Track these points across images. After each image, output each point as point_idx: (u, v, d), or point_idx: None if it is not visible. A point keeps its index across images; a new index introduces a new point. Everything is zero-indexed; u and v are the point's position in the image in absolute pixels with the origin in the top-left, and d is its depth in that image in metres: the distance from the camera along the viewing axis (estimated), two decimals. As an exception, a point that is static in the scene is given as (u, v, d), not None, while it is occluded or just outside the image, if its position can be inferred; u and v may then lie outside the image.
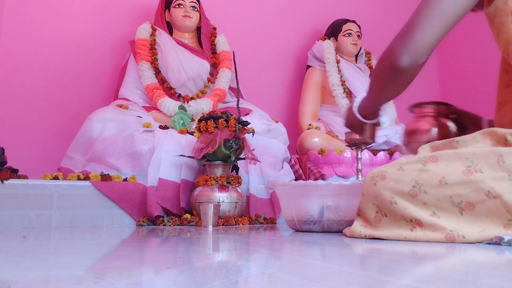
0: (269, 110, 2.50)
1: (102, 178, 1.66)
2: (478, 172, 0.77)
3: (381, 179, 0.88)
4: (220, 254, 0.73)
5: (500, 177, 0.76)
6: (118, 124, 1.91)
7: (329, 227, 1.18)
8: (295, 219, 1.22)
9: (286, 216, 1.27)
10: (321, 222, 1.18)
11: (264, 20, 2.97)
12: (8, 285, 0.40)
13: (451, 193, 0.79)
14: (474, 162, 0.79)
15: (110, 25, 2.56)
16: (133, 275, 0.49)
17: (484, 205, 0.76)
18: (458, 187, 0.78)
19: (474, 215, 0.77)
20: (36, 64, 2.36)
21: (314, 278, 0.44)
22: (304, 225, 1.21)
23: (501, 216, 0.75)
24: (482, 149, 0.80)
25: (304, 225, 1.21)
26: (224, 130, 1.68)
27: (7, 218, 1.47)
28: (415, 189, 0.82)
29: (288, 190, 1.24)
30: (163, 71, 2.31)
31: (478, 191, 0.76)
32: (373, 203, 0.89)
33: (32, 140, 2.29)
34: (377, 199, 0.88)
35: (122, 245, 0.92)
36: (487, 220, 0.76)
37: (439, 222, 0.79)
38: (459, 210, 0.78)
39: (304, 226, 1.21)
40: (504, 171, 0.76)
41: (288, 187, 1.25)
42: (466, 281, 0.42)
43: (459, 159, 0.81)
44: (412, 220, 0.82)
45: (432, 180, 0.81)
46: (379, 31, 3.27)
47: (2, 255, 0.70)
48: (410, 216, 0.82)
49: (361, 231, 0.90)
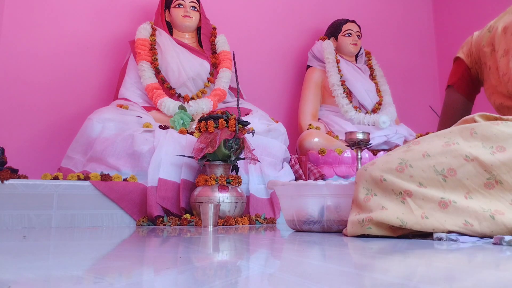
0: (269, 110, 2.50)
1: (102, 178, 1.66)
2: (455, 144, 0.87)
3: (371, 165, 0.95)
4: (220, 254, 0.73)
5: (475, 145, 0.86)
6: (118, 124, 1.91)
7: (329, 227, 1.18)
8: (295, 219, 1.22)
9: (286, 216, 1.27)
10: (321, 222, 1.18)
11: (264, 20, 2.97)
12: (8, 285, 0.40)
13: (434, 163, 0.87)
14: (451, 138, 0.89)
15: (110, 25, 2.56)
16: (133, 275, 0.49)
17: (464, 168, 0.85)
18: (440, 156, 0.87)
19: (456, 180, 0.85)
20: (36, 64, 2.36)
21: (314, 278, 0.44)
22: (304, 225, 1.21)
23: (480, 176, 0.84)
24: (456, 127, 0.91)
25: (304, 225, 1.21)
26: (224, 130, 1.68)
27: (7, 218, 1.47)
28: (402, 165, 0.90)
29: (288, 190, 1.24)
30: (163, 71, 2.31)
31: (457, 157, 0.86)
32: (363, 187, 0.94)
33: (32, 140, 2.29)
34: (367, 182, 0.93)
35: (122, 245, 0.92)
36: (468, 182, 0.85)
37: (427, 191, 0.86)
38: (443, 177, 0.86)
39: (304, 226, 1.21)
40: (478, 140, 0.86)
41: (288, 187, 1.25)
42: (466, 281, 0.42)
43: (438, 138, 0.91)
44: (401, 192, 0.88)
45: (416, 155, 0.90)
46: (379, 31, 3.27)
47: (2, 255, 0.70)
48: (400, 189, 0.88)
49: (357, 218, 0.92)
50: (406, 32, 3.38)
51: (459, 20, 3.28)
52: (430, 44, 3.49)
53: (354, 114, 2.58)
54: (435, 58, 3.47)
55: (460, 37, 3.24)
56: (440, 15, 3.50)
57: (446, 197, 0.84)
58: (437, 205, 0.84)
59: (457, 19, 3.31)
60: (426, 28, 3.51)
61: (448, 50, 3.31)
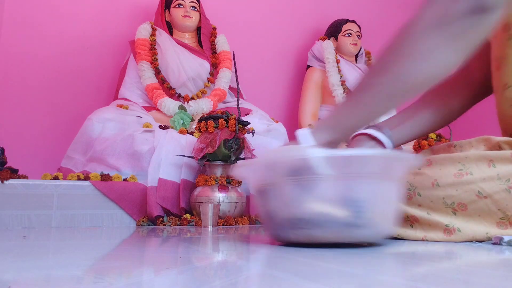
0: (269, 110, 2.50)
1: (102, 178, 1.66)
2: (468, 175, 0.80)
3: None
4: (220, 254, 0.73)
5: (490, 178, 0.78)
6: (118, 124, 1.91)
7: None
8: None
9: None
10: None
11: (264, 20, 2.97)
12: (8, 285, 0.40)
13: (443, 195, 0.81)
14: (465, 166, 0.81)
15: (110, 25, 2.56)
16: (133, 275, 0.49)
17: (475, 205, 0.79)
18: (450, 189, 0.80)
19: (467, 215, 0.80)
20: (36, 64, 2.36)
21: (314, 278, 0.44)
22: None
23: (493, 215, 0.78)
24: (473, 153, 0.82)
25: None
26: (224, 130, 1.68)
27: (7, 218, 1.47)
28: (410, 192, 0.85)
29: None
30: (163, 71, 2.31)
31: (469, 192, 0.79)
32: None
33: (32, 140, 2.29)
34: None
35: (122, 245, 0.92)
36: (479, 219, 0.79)
37: (434, 218, 0.82)
38: (452, 210, 0.81)
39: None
40: (493, 173, 0.78)
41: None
42: (466, 281, 0.42)
43: (452, 163, 0.83)
44: (408, 217, 0.85)
45: (425, 182, 0.83)
46: (379, 31, 3.26)
47: (2, 255, 0.70)
48: (407, 214, 0.85)
49: None
50: (406, 32, 3.37)
51: (459, 20, 3.27)
52: (430, 44, 3.49)
53: (354, 114, 2.58)
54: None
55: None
56: (440, 15, 3.49)
57: (451, 224, 0.81)
58: (442, 232, 0.81)
59: (457, 19, 3.30)
60: (426, 28, 3.51)
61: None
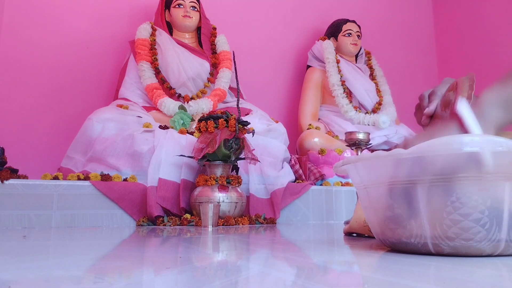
0: (269, 110, 2.51)
1: (102, 178, 1.67)
2: None
3: None
4: (220, 254, 0.73)
5: None
6: (118, 124, 1.91)
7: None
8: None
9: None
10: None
11: (264, 20, 2.97)
12: (8, 285, 0.40)
13: None
14: None
15: (110, 25, 2.56)
16: (133, 275, 0.49)
17: None
18: None
19: None
20: (36, 64, 2.36)
21: (314, 278, 0.44)
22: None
23: None
24: None
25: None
26: (224, 130, 1.68)
27: (7, 218, 1.47)
28: None
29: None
30: (163, 71, 2.31)
31: None
32: None
33: (32, 140, 2.29)
34: None
35: (122, 245, 0.92)
36: None
37: None
38: None
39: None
40: None
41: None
42: (466, 281, 0.42)
43: None
44: None
45: None
46: (379, 31, 3.27)
47: (2, 255, 0.70)
48: None
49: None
50: (406, 32, 3.38)
51: (459, 20, 3.28)
52: (430, 44, 3.49)
53: (354, 114, 2.58)
54: (435, 58, 3.47)
55: (460, 37, 3.25)
56: (440, 15, 3.50)
57: None
58: None
59: (457, 19, 3.31)
60: (426, 28, 3.51)
61: (448, 50, 3.31)
